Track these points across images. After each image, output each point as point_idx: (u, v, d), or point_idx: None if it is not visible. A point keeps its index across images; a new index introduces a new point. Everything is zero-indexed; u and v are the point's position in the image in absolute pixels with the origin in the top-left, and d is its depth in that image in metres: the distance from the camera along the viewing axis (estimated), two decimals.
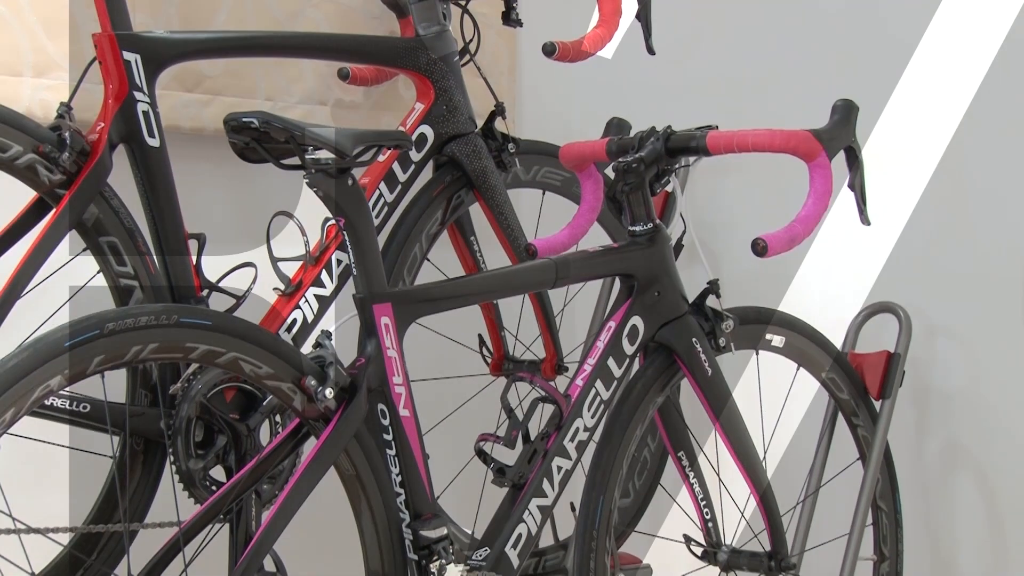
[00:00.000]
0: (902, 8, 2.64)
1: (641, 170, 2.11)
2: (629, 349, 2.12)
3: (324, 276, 2.23)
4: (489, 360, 2.53)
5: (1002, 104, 2.52)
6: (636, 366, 2.16)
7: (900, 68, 2.64)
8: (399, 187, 2.36)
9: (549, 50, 2.37)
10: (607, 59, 2.58)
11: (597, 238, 2.54)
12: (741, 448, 2.21)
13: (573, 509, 2.14)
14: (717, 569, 2.28)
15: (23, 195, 2.04)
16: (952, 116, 2.58)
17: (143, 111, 2.07)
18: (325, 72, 2.61)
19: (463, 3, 2.49)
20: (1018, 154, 2.50)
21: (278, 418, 2.10)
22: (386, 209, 2.34)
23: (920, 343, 2.61)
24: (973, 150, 2.55)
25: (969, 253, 2.57)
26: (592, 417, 2.08)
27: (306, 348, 2.15)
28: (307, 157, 1.79)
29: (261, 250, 2.17)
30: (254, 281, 2.16)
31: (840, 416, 2.55)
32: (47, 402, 1.90)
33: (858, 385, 2.50)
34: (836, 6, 2.73)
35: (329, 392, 1.80)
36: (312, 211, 2.18)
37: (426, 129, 2.40)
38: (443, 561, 1.88)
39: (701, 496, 2.22)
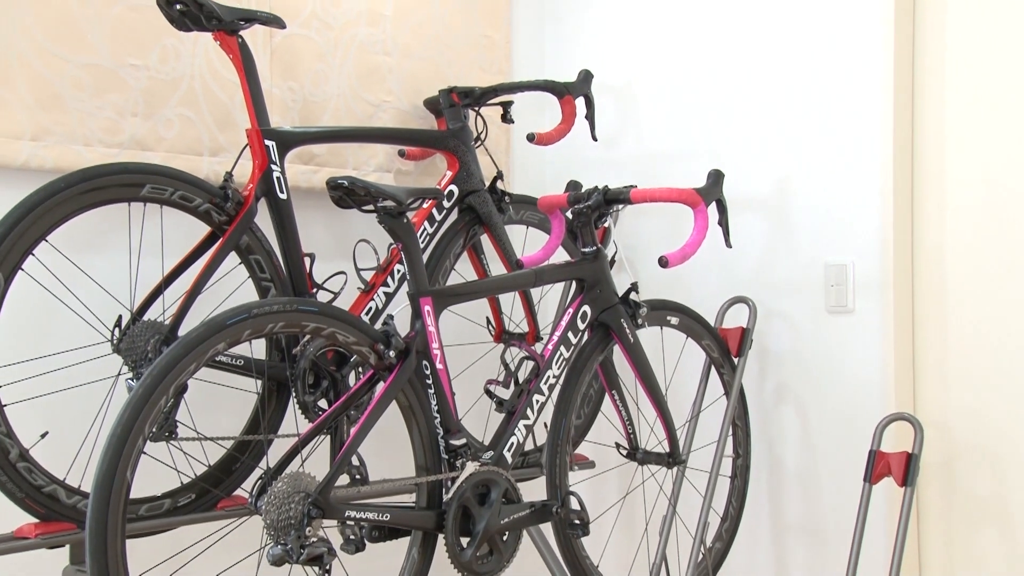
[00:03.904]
0: (747, 107, 2.62)
1: (589, 213, 2.10)
2: (581, 326, 2.11)
3: (389, 280, 2.21)
4: (493, 333, 2.52)
5: (811, 170, 2.50)
6: (586, 337, 2.14)
7: (747, 145, 2.62)
8: (436, 224, 2.33)
9: (530, 138, 2.36)
10: (568, 143, 2.56)
11: (561, 256, 2.53)
12: (652, 388, 2.20)
13: (546, 426, 2.12)
14: (635, 464, 2.26)
15: (200, 229, 2.03)
16: (776, 178, 2.56)
17: (277, 177, 2.05)
18: (390, 152, 2.59)
19: (476, 109, 2.48)
20: (818, 201, 2.48)
21: (360, 370, 2.08)
22: (428, 238, 2.32)
23: (762, 321, 2.59)
24: (793, 200, 2.53)
25: (791, 264, 2.55)
26: (558, 369, 2.06)
27: (377, 325, 2.13)
28: (378, 205, 1.78)
29: (349, 263, 2.15)
30: (344, 283, 2.14)
31: (712, 368, 2.53)
32: (216, 359, 1.89)
33: (724, 348, 2.48)
34: (708, 108, 2.70)
35: (392, 353, 1.79)
36: (382, 239, 2.17)
37: (453, 187, 2.38)
38: (464, 459, 1.87)
39: (626, 418, 2.20)
